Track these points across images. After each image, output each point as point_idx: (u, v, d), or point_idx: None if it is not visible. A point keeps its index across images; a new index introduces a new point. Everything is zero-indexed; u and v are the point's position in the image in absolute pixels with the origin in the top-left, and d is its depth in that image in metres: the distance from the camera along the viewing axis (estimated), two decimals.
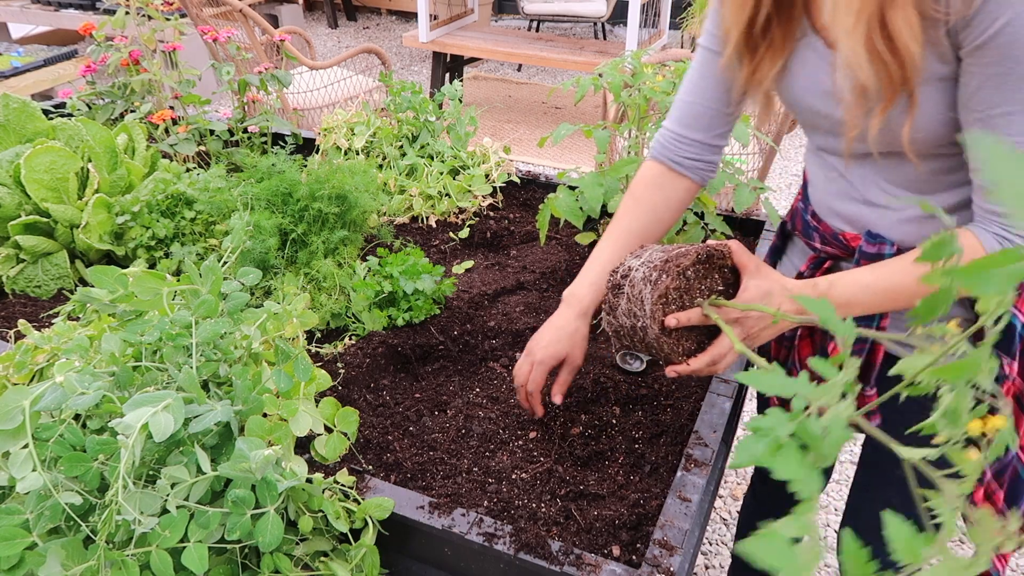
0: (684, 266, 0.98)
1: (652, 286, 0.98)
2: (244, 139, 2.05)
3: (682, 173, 1.21)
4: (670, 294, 0.98)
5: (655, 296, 0.97)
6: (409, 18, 7.48)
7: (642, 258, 1.03)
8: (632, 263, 1.03)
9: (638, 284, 0.99)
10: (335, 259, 1.55)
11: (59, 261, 1.61)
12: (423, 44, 4.70)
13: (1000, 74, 0.84)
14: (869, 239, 1.07)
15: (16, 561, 0.85)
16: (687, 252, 1.00)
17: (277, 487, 0.89)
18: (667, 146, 1.21)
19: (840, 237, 1.13)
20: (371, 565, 1.00)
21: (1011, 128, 0.86)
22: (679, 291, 0.99)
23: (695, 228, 1.51)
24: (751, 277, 1.01)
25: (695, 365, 1.02)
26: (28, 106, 1.79)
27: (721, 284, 1.04)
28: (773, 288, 0.99)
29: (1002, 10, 0.80)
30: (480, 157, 2.04)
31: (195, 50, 4.14)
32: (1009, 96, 0.85)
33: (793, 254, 1.31)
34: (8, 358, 1.18)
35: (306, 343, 1.31)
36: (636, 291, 0.99)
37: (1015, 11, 0.80)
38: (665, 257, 1.00)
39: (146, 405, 0.85)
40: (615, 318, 1.03)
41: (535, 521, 1.05)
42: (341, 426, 1.16)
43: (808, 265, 1.20)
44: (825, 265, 1.18)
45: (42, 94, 3.58)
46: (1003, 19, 0.81)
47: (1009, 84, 0.84)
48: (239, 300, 1.10)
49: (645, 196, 1.22)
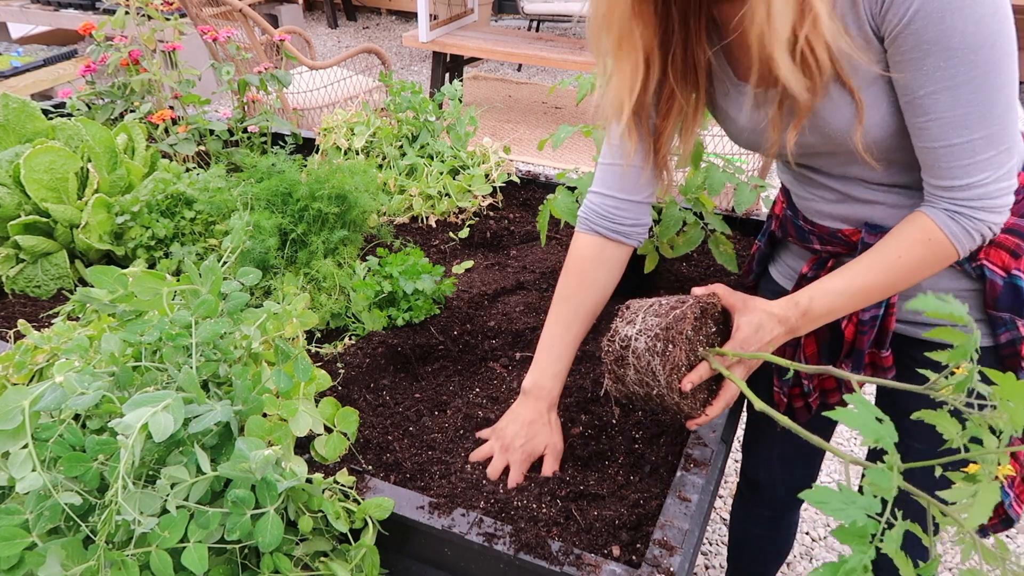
0: (685, 331, 1.02)
1: (661, 358, 1.00)
2: (244, 139, 2.05)
3: (622, 241, 1.21)
4: (680, 362, 1.02)
5: (668, 369, 1.00)
6: (409, 18, 7.48)
7: (636, 324, 1.04)
8: (628, 331, 1.04)
9: (644, 356, 1.01)
10: (335, 259, 1.55)
11: (59, 261, 1.61)
12: (423, 44, 4.70)
13: (918, 58, 0.89)
14: (870, 230, 1.09)
15: (16, 561, 0.85)
16: (684, 316, 1.02)
17: (277, 487, 0.89)
18: (601, 214, 1.20)
19: (839, 235, 1.14)
20: (371, 565, 1.00)
21: (937, 107, 0.91)
22: (686, 353, 1.03)
23: (695, 228, 1.51)
24: (741, 314, 1.06)
25: (712, 414, 1.07)
26: (28, 106, 1.79)
27: (714, 326, 1.09)
28: (762, 320, 1.04)
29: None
30: (480, 157, 2.04)
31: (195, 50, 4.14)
32: (930, 76, 0.89)
33: (787, 258, 1.32)
34: (8, 358, 1.18)
35: (306, 343, 1.31)
36: (643, 363, 1.01)
37: None
38: (664, 324, 1.02)
39: (146, 405, 0.85)
40: (624, 386, 1.06)
41: (535, 521, 1.05)
42: (341, 426, 1.16)
43: (811, 266, 1.21)
44: (828, 264, 1.18)
45: (42, 94, 3.58)
46: (913, 7, 0.85)
47: (927, 66, 0.89)
48: (239, 300, 1.10)
49: (589, 275, 1.21)
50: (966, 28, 0.85)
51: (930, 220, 0.98)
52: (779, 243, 1.36)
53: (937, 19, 0.85)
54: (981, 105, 0.89)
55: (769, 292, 1.37)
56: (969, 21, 0.85)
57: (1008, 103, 0.91)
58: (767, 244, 1.36)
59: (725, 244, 1.51)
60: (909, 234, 1.00)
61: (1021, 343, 1.06)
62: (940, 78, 0.89)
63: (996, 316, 1.07)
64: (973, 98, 0.89)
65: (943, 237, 0.98)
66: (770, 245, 1.36)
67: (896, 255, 1.01)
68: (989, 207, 0.95)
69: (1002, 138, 0.92)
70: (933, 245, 0.99)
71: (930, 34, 0.86)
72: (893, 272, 1.01)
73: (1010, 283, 1.05)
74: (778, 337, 1.04)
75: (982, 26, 0.85)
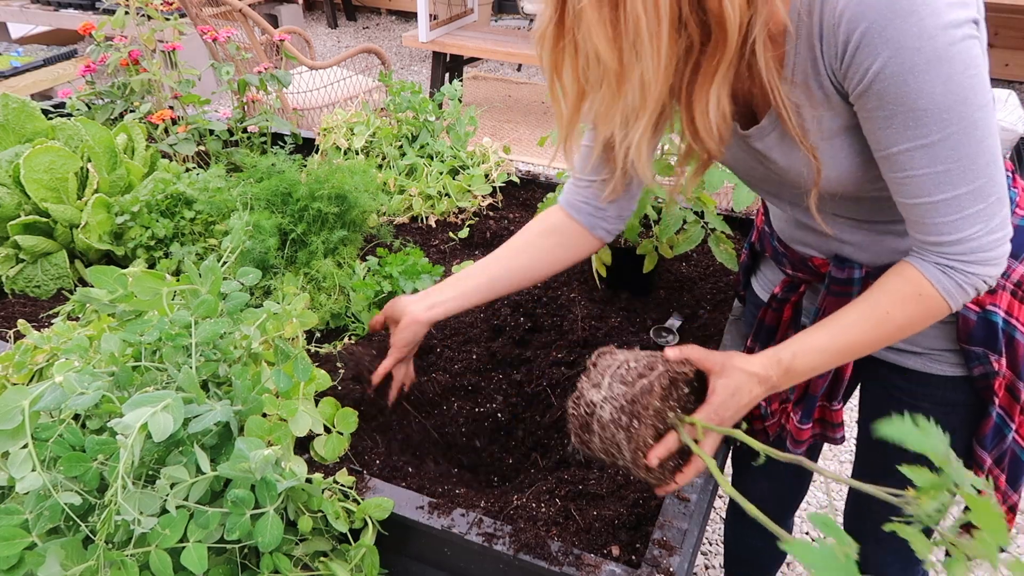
0: (653, 405, 0.94)
1: (626, 432, 0.94)
2: (244, 139, 2.05)
3: (579, 222, 1.19)
4: (647, 440, 0.94)
5: (632, 447, 0.94)
6: (409, 18, 7.48)
7: (602, 390, 0.96)
8: (594, 397, 0.97)
9: (609, 427, 0.95)
10: (335, 259, 1.55)
11: (58, 261, 1.61)
12: (423, 44, 4.70)
13: (886, 116, 0.84)
14: (837, 264, 1.07)
15: (16, 561, 0.85)
16: (651, 389, 0.94)
17: (276, 487, 0.89)
18: (569, 191, 1.20)
19: (809, 263, 1.14)
20: (371, 565, 1.00)
21: (913, 163, 0.85)
22: (654, 427, 0.95)
23: (695, 228, 1.51)
24: (717, 377, 0.98)
25: (682, 482, 1.00)
26: (27, 106, 1.79)
27: (687, 388, 1.00)
28: (740, 382, 0.96)
29: (871, 59, 0.80)
30: (480, 157, 2.04)
31: (195, 50, 4.14)
32: (900, 134, 0.84)
33: (767, 270, 1.31)
34: (7, 358, 1.18)
35: (306, 343, 1.31)
36: (608, 434, 0.95)
37: (884, 58, 0.80)
38: (630, 395, 0.94)
39: (145, 405, 0.85)
40: (590, 450, 1.00)
41: (534, 521, 1.05)
42: (340, 426, 1.16)
43: (782, 288, 1.20)
44: (800, 289, 1.17)
45: (41, 94, 3.58)
46: (874, 67, 0.81)
47: (896, 124, 0.84)
48: (239, 300, 1.10)
49: (531, 239, 1.22)
50: (933, 89, 0.80)
51: (920, 274, 0.91)
52: (758, 256, 1.35)
53: (900, 82, 0.80)
54: (962, 160, 0.84)
55: (751, 304, 1.37)
56: (936, 82, 0.80)
57: (992, 154, 0.85)
58: (749, 257, 1.35)
59: (725, 243, 1.51)
60: (898, 288, 0.94)
61: (994, 377, 1.04)
62: (912, 136, 0.84)
63: (969, 350, 1.04)
64: (952, 154, 0.83)
65: (935, 292, 0.91)
66: (752, 258, 1.35)
67: (885, 311, 0.94)
68: (983, 260, 0.89)
69: (990, 190, 0.86)
70: (925, 300, 0.92)
71: (894, 95, 0.82)
72: (882, 329, 0.95)
73: (984, 318, 1.02)
74: (757, 397, 0.97)
75: (951, 85, 0.80)
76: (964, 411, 1.10)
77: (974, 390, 1.08)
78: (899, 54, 0.79)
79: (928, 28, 0.77)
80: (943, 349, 1.08)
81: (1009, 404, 1.06)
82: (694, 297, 1.58)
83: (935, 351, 1.08)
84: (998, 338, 1.03)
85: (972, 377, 1.07)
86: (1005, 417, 1.07)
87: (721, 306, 1.54)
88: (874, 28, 0.79)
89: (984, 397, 1.07)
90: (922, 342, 1.08)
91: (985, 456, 1.09)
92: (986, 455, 1.09)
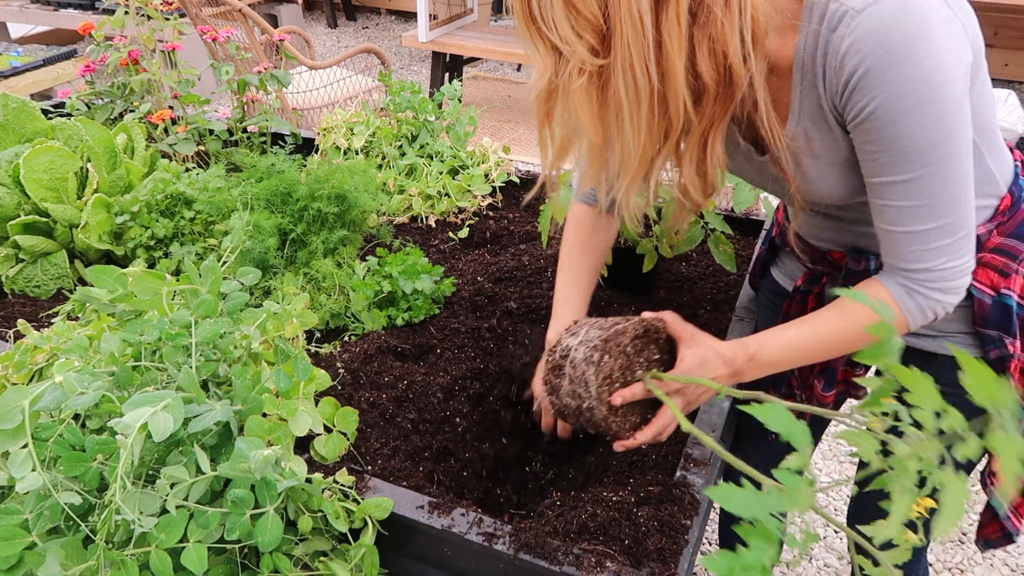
0: (624, 344, 0.99)
1: (596, 367, 0.98)
2: (243, 139, 2.05)
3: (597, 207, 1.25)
4: (614, 374, 0.99)
5: (599, 378, 0.98)
6: (408, 18, 7.48)
7: (579, 336, 1.03)
8: (570, 342, 1.03)
9: (580, 365, 0.99)
10: (334, 259, 1.55)
11: (58, 261, 1.61)
12: (422, 44, 4.70)
13: (874, 151, 0.90)
14: (854, 256, 1.10)
15: (16, 561, 0.85)
16: (625, 330, 1.01)
17: (276, 487, 0.89)
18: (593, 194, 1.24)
19: (828, 257, 1.16)
20: (371, 565, 1.00)
21: (892, 195, 0.92)
22: (621, 369, 1.00)
23: (695, 227, 1.51)
24: (687, 347, 1.03)
25: (642, 438, 1.04)
26: (27, 106, 1.79)
27: (658, 353, 1.06)
28: (708, 356, 1.02)
29: (869, 96, 0.86)
30: (479, 157, 2.04)
31: (194, 50, 4.14)
32: (887, 168, 0.90)
33: (786, 263, 1.33)
34: (7, 358, 1.18)
35: (305, 343, 1.31)
36: (578, 372, 0.99)
37: (881, 97, 0.85)
38: (604, 336, 1.00)
39: (145, 405, 0.85)
40: (558, 398, 1.04)
41: (534, 521, 1.05)
42: (340, 426, 1.16)
43: (804, 280, 1.22)
44: (823, 280, 1.19)
45: (41, 94, 3.58)
46: (869, 107, 0.86)
47: (882, 159, 0.90)
48: (238, 300, 1.10)
49: (587, 237, 1.27)
50: (922, 130, 0.86)
51: (887, 292, 0.98)
52: (777, 249, 1.37)
53: (891, 121, 0.86)
54: (937, 197, 0.90)
55: (769, 291, 1.37)
56: (925, 124, 0.85)
57: (965, 195, 0.91)
58: (769, 250, 1.37)
59: (725, 244, 1.51)
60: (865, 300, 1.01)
61: (1011, 360, 1.06)
62: (895, 171, 0.90)
63: (985, 334, 1.07)
64: (929, 191, 0.90)
65: (897, 311, 0.98)
66: (771, 251, 1.37)
67: (851, 319, 1.01)
68: (945, 288, 0.96)
69: (958, 226, 0.92)
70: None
71: (885, 133, 0.87)
72: (844, 336, 1.01)
73: (999, 302, 1.05)
74: (721, 377, 1.02)
75: (938, 127, 0.86)
76: None
77: None
78: (893, 97, 0.85)
79: (924, 72, 0.83)
80: (958, 332, 1.10)
81: None
82: (694, 297, 1.58)
83: (950, 334, 1.10)
84: (1012, 321, 1.05)
85: (988, 360, 1.08)
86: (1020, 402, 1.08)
87: (721, 306, 1.54)
88: (873, 71, 0.84)
89: None
90: (938, 324, 1.10)
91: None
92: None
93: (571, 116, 0.92)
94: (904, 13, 0.81)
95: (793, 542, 0.64)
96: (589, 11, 0.82)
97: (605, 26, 0.83)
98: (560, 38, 0.84)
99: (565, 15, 0.83)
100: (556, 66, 0.89)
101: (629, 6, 0.81)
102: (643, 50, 0.83)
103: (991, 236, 1.04)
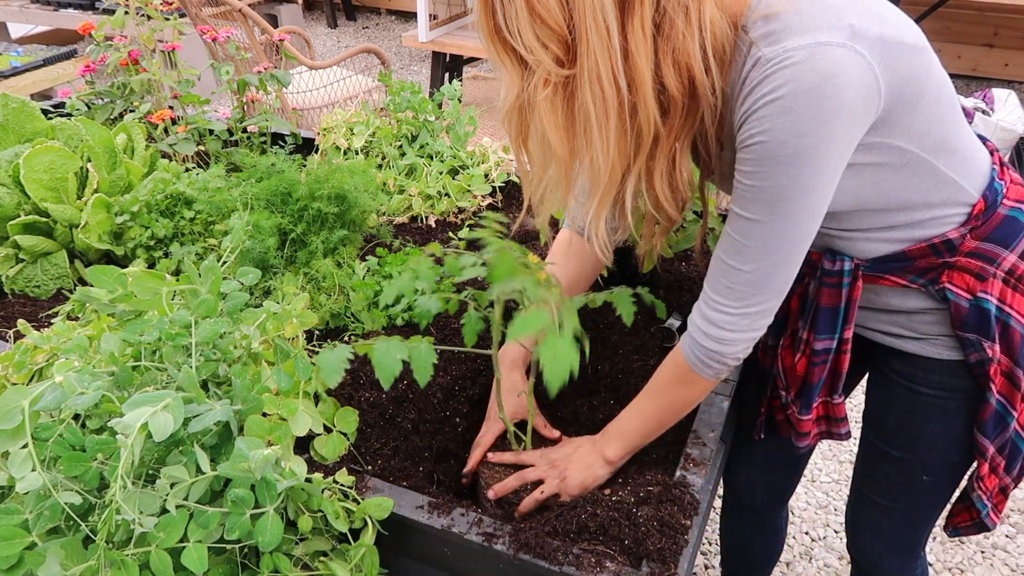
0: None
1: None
2: (243, 139, 2.05)
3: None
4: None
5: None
6: (408, 18, 7.47)
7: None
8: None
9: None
10: (334, 259, 1.55)
11: (58, 261, 1.61)
12: (422, 44, 4.70)
13: (738, 179, 0.92)
14: (829, 257, 1.10)
15: (16, 561, 0.85)
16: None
17: (276, 487, 0.89)
18: (572, 212, 1.26)
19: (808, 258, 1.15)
20: (370, 565, 1.00)
21: (733, 225, 0.96)
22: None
23: (695, 227, 1.51)
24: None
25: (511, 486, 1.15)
26: (27, 106, 1.79)
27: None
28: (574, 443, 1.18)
29: (757, 131, 0.87)
30: (479, 157, 2.04)
31: (194, 50, 4.14)
32: (741, 196, 0.93)
33: None
34: (7, 358, 1.18)
35: (305, 343, 1.31)
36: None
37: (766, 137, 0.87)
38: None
39: (145, 405, 0.85)
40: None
41: (534, 521, 1.05)
42: (340, 426, 1.16)
43: None
44: (804, 280, 1.18)
45: (41, 94, 3.58)
46: (749, 139, 0.88)
47: (741, 188, 0.92)
48: (238, 300, 1.10)
49: (558, 263, 1.29)
50: (782, 179, 0.88)
51: (682, 356, 1.05)
52: None
53: (756, 162, 0.89)
54: (764, 245, 0.93)
55: None
56: (792, 174, 0.87)
57: (791, 254, 0.95)
58: None
59: None
60: (668, 374, 1.10)
61: (990, 364, 1.06)
62: (742, 205, 0.93)
63: (964, 337, 1.07)
64: (760, 236, 0.93)
65: (690, 371, 1.05)
66: None
67: (665, 398, 1.11)
68: (719, 337, 1.00)
69: (767, 283, 0.96)
70: (685, 374, 1.07)
71: (750, 167, 0.90)
72: (664, 410, 1.12)
73: (976, 305, 1.04)
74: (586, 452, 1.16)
75: (797, 181, 0.88)
76: (962, 397, 1.11)
77: (972, 376, 1.09)
78: (774, 142, 0.87)
79: (810, 128, 0.84)
80: (939, 334, 1.10)
81: (1009, 392, 1.07)
82: (694, 297, 1.58)
83: (931, 336, 1.10)
84: (990, 324, 1.04)
85: (969, 363, 1.08)
86: (1006, 405, 1.08)
87: None
88: (768, 114, 0.86)
89: (981, 384, 1.09)
90: (918, 327, 1.10)
91: (987, 444, 1.10)
92: (988, 443, 1.10)
93: (538, 130, 0.92)
94: (807, 69, 0.83)
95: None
96: (554, 20, 0.82)
97: (570, 36, 0.84)
98: (525, 47, 0.84)
99: (530, 23, 0.83)
100: (522, 80, 0.89)
101: (595, 15, 0.81)
102: (610, 60, 0.83)
103: (965, 240, 1.03)
